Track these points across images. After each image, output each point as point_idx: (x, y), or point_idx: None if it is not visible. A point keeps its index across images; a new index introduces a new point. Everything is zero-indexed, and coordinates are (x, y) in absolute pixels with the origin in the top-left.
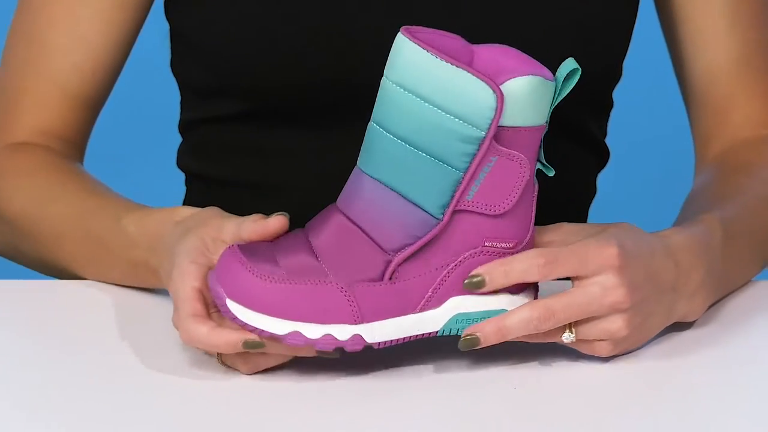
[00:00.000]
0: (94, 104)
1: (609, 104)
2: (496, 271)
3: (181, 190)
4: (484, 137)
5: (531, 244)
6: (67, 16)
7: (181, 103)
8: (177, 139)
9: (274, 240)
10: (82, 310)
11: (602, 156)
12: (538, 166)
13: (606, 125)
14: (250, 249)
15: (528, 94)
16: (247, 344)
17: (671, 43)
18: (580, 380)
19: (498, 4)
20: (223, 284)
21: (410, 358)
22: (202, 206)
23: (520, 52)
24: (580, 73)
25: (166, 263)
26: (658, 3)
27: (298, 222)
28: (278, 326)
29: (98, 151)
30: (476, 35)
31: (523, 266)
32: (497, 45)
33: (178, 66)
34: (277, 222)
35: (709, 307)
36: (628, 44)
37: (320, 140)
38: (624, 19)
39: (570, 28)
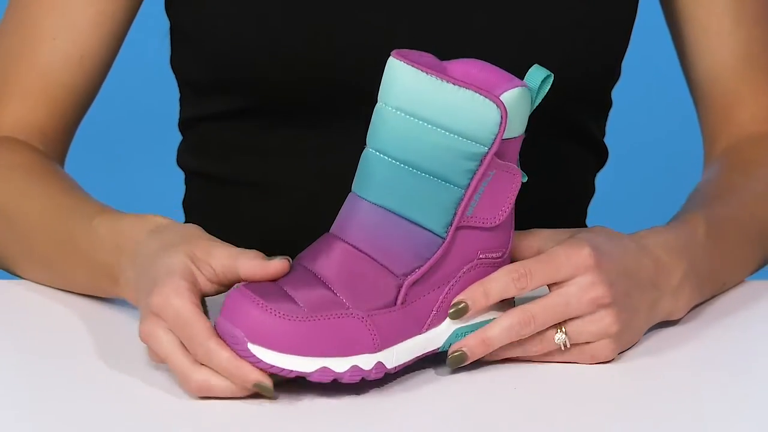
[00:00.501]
0: (80, 96)
1: (608, 104)
2: (476, 295)
3: (181, 189)
4: (487, 153)
5: (511, 251)
6: (58, 2)
7: (181, 100)
8: (177, 138)
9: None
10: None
11: (601, 156)
12: None
13: (605, 125)
14: (260, 289)
15: (518, 105)
16: (259, 387)
17: (677, 41)
18: (581, 380)
19: (499, 4)
20: (241, 327)
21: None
22: (203, 204)
23: (486, 63)
24: (552, 79)
25: (130, 271)
26: (663, 1)
27: (298, 221)
28: (306, 365)
29: (98, 149)
30: (477, 35)
31: (499, 284)
32: (463, 59)
33: (177, 63)
34: (279, 265)
35: (699, 305)
36: (628, 43)
37: (320, 139)
38: (624, 18)
39: (571, 28)
